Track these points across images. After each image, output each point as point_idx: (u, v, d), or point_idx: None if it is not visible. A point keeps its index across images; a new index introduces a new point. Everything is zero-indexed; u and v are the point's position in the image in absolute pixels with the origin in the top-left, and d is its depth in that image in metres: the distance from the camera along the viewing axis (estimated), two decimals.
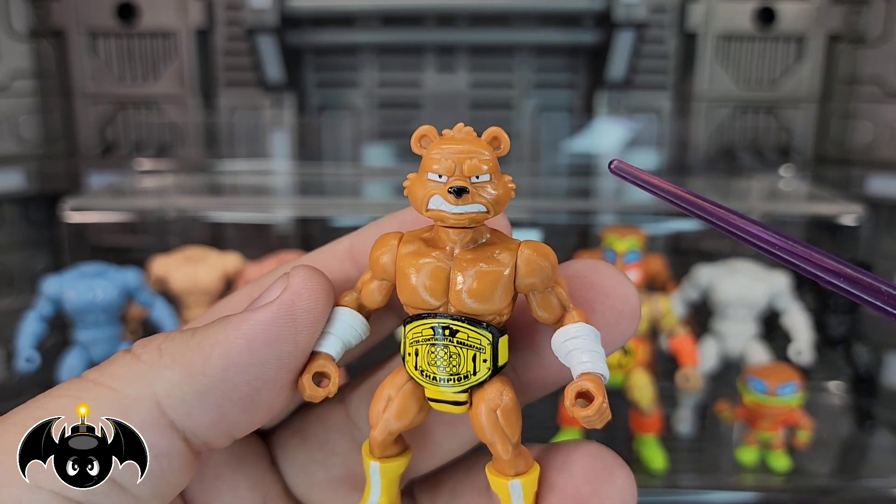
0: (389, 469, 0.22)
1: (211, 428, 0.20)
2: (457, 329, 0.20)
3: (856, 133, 0.92)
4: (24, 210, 0.95)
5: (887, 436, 0.75)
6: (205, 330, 0.20)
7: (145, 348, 0.20)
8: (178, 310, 0.73)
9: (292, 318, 0.20)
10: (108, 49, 0.93)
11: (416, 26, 0.92)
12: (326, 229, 0.93)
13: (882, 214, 0.89)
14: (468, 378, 0.21)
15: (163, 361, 0.19)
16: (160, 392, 0.19)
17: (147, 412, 0.19)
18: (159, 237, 0.88)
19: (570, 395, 0.19)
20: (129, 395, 0.19)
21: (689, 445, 0.73)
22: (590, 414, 0.19)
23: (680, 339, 0.69)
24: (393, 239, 0.21)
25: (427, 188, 0.20)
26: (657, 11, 0.91)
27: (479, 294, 0.20)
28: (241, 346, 0.20)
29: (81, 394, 0.19)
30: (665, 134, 0.95)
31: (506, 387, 0.21)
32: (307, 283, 0.21)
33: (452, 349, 0.20)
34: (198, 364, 0.19)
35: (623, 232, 0.71)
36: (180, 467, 0.19)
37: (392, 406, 0.21)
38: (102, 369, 0.20)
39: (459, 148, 0.20)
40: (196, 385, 0.19)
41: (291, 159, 0.96)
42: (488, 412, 0.20)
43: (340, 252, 0.24)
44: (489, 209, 0.20)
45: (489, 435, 0.21)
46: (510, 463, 0.21)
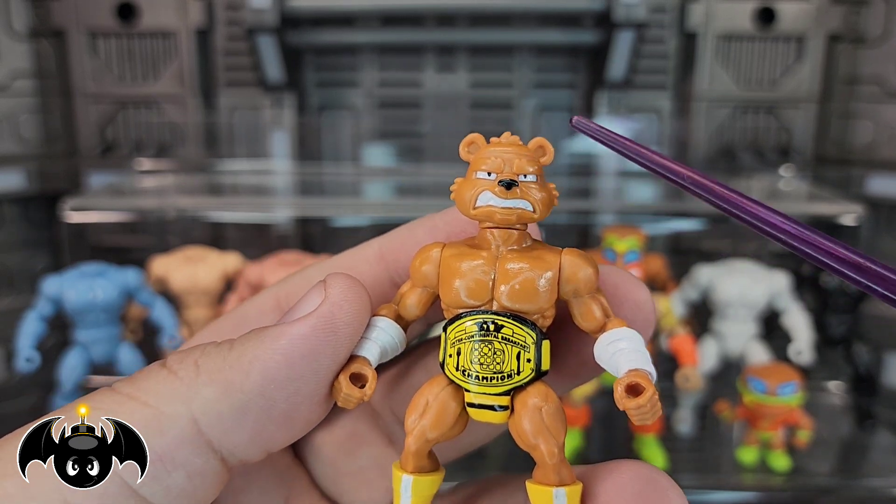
0: (422, 485, 0.21)
1: (248, 445, 0.19)
2: (501, 324, 0.20)
3: (856, 133, 0.92)
4: (24, 210, 0.95)
5: (887, 436, 0.75)
6: (242, 344, 0.19)
7: (182, 364, 0.19)
8: (178, 310, 0.73)
9: (332, 331, 0.20)
10: (108, 49, 0.93)
11: (416, 26, 0.92)
12: (326, 229, 0.94)
13: (882, 214, 0.89)
14: (511, 378, 0.20)
15: (200, 379, 0.19)
16: (197, 410, 0.18)
17: (183, 430, 0.18)
18: (159, 237, 0.88)
19: (620, 387, 0.19)
20: (166, 412, 0.18)
21: (689, 445, 0.73)
22: (642, 403, 0.19)
23: (680, 339, 0.69)
24: (436, 247, 0.22)
25: (476, 186, 0.21)
26: (657, 11, 0.91)
27: (523, 291, 0.20)
28: (279, 362, 0.19)
29: (115, 407, 0.18)
30: (665, 134, 0.95)
31: (549, 390, 0.21)
32: (347, 293, 0.20)
33: (497, 345, 0.20)
34: (236, 381, 0.19)
35: (623, 232, 0.72)
36: (213, 484, 0.19)
37: (429, 412, 0.21)
38: (136, 383, 0.19)
39: (508, 149, 0.21)
40: (234, 402, 0.19)
41: (291, 159, 0.96)
42: (533, 411, 0.20)
43: (370, 255, 0.23)
44: (535, 209, 0.21)
45: (532, 437, 0.20)
46: (555, 468, 0.20)
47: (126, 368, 0.68)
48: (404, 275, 0.23)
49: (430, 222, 0.23)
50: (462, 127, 0.96)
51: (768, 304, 0.72)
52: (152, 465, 0.18)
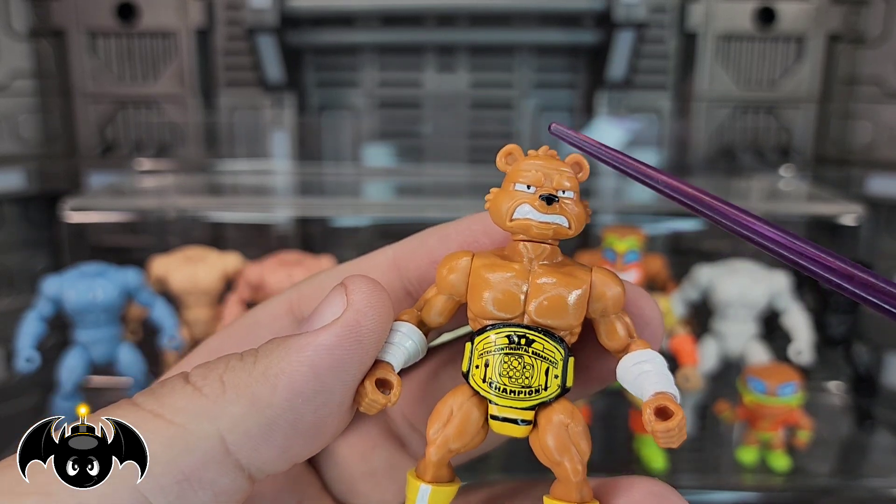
0: (440, 496, 0.21)
1: (276, 461, 0.19)
2: (533, 339, 0.20)
3: (855, 133, 0.92)
4: (24, 210, 0.95)
5: (887, 436, 0.75)
6: (266, 356, 0.19)
7: (206, 380, 0.19)
8: (178, 310, 0.73)
9: (358, 340, 0.19)
10: (108, 49, 0.93)
11: (416, 26, 0.92)
12: (326, 229, 0.94)
13: (882, 214, 0.89)
14: (539, 393, 0.20)
15: (227, 395, 0.18)
16: (225, 428, 0.18)
17: (211, 449, 0.18)
18: (159, 237, 0.88)
19: (649, 410, 0.19)
20: (192, 431, 0.18)
21: (689, 445, 0.73)
22: (671, 427, 0.19)
23: (680, 339, 0.69)
24: (465, 256, 0.21)
25: (514, 198, 0.21)
26: (657, 11, 0.91)
27: (556, 306, 0.20)
28: (306, 374, 0.18)
29: (140, 424, 0.18)
30: (665, 134, 0.95)
31: (575, 408, 0.21)
32: (370, 299, 0.19)
33: (527, 359, 0.20)
34: (263, 396, 0.18)
35: (623, 232, 0.72)
36: (237, 501, 0.19)
37: (453, 423, 0.21)
38: (160, 399, 0.18)
39: (548, 163, 0.21)
40: (262, 418, 0.18)
41: (291, 159, 0.96)
42: (559, 427, 0.20)
43: (383, 263, 0.23)
44: (571, 226, 0.21)
45: (557, 454, 0.20)
46: (577, 487, 0.20)
47: (126, 368, 0.67)
48: (416, 283, 0.23)
49: (443, 231, 0.23)
50: (462, 127, 0.96)
51: (768, 304, 0.72)
52: (178, 485, 0.17)
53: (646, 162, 0.20)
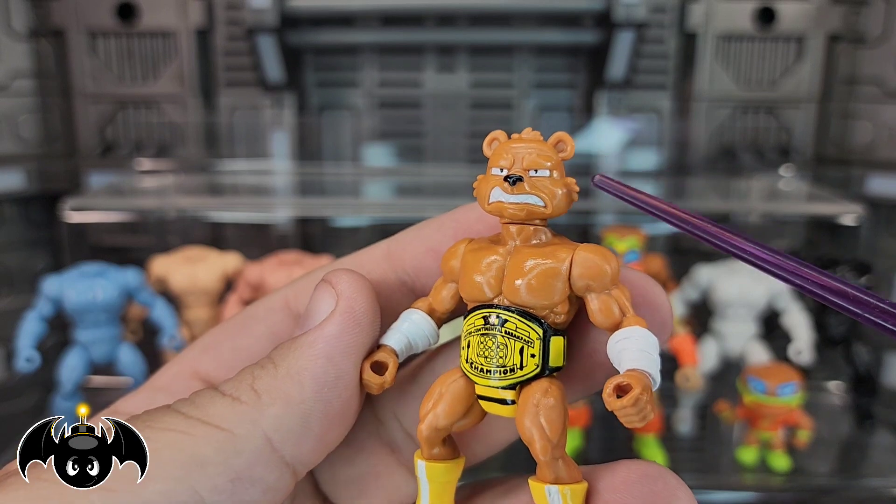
0: (436, 471, 0.22)
1: (315, 451, 0.20)
2: (506, 319, 0.21)
3: (855, 133, 0.92)
4: (24, 210, 0.95)
5: (887, 436, 0.75)
6: (283, 359, 0.21)
7: (240, 390, 0.20)
8: (178, 310, 0.73)
9: (357, 323, 0.21)
10: (108, 49, 0.93)
11: (416, 26, 0.92)
12: (326, 229, 0.94)
13: (882, 214, 0.89)
14: (514, 372, 0.20)
15: (263, 399, 0.20)
16: (268, 428, 0.19)
17: (258, 449, 0.19)
18: (159, 237, 0.88)
19: (609, 387, 0.19)
20: (239, 434, 0.19)
21: (689, 445, 0.73)
22: (625, 405, 0.18)
23: (680, 339, 0.69)
24: (462, 243, 0.22)
25: (489, 182, 0.21)
26: (657, 11, 0.91)
27: (530, 286, 0.20)
28: (325, 365, 0.20)
29: (189, 429, 0.19)
30: (665, 134, 0.95)
31: (553, 385, 0.20)
32: (354, 285, 0.21)
33: (500, 339, 0.20)
34: (294, 394, 0.20)
35: (623, 232, 0.72)
36: (282, 497, 0.20)
37: (441, 401, 0.21)
38: (202, 408, 0.20)
39: (524, 144, 0.21)
40: (298, 414, 0.20)
41: (291, 159, 0.96)
42: (529, 406, 0.20)
43: (377, 255, 0.24)
44: (546, 204, 0.21)
45: (528, 432, 0.20)
46: (548, 465, 0.20)
47: (126, 368, 0.67)
48: (411, 273, 0.24)
49: (438, 221, 0.24)
50: (462, 127, 0.96)
51: (768, 304, 0.72)
52: (231, 483, 0.19)
53: (690, 211, 0.20)
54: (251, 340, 0.24)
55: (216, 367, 0.24)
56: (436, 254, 0.23)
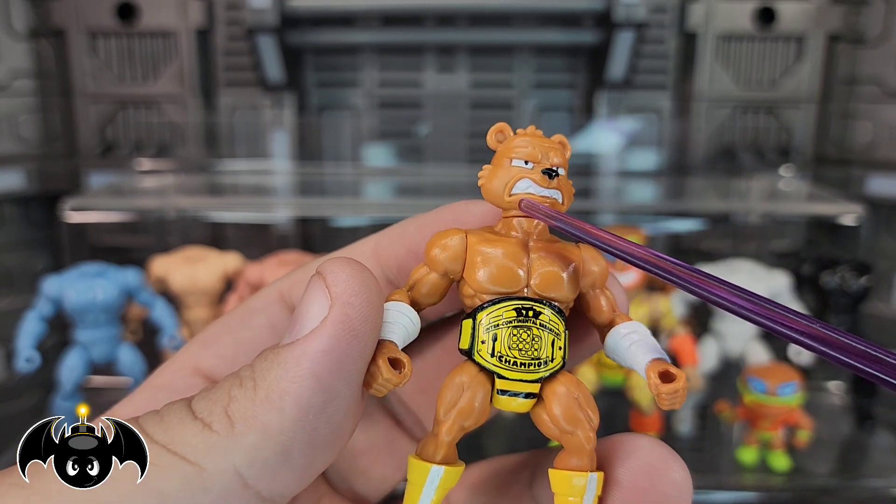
0: (451, 476, 0.20)
1: (298, 482, 0.18)
2: (540, 311, 0.21)
3: (855, 133, 0.92)
4: (24, 210, 0.95)
5: (887, 436, 0.75)
6: (263, 378, 0.18)
7: (213, 414, 0.18)
8: (178, 310, 0.73)
9: (353, 334, 0.18)
10: (108, 49, 0.93)
11: (416, 26, 0.92)
12: (326, 229, 0.93)
13: (882, 214, 0.89)
14: (546, 364, 0.20)
15: (236, 429, 0.17)
16: (240, 463, 0.17)
17: (229, 486, 0.17)
18: (159, 237, 0.88)
19: (653, 374, 0.20)
20: (208, 469, 0.17)
21: (689, 445, 0.73)
22: (678, 388, 0.19)
23: (680, 339, 0.69)
24: (457, 233, 0.21)
25: (512, 173, 0.21)
26: (657, 11, 0.91)
27: (556, 280, 0.21)
28: (311, 387, 0.17)
29: (154, 458, 0.17)
30: (665, 134, 0.95)
31: (578, 378, 0.21)
32: (353, 285, 0.18)
33: (535, 331, 0.20)
34: (273, 423, 0.17)
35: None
36: None
37: (464, 400, 0.20)
38: (170, 431, 0.18)
39: (542, 141, 0.22)
40: (276, 445, 0.17)
41: (291, 159, 0.96)
42: (568, 398, 0.20)
43: (366, 251, 0.24)
44: (564, 201, 0.22)
45: (568, 424, 0.20)
46: (590, 454, 0.20)
47: (126, 368, 0.67)
48: (396, 271, 0.24)
49: (420, 220, 0.24)
50: (462, 127, 0.96)
51: None
52: None
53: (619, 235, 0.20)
54: (252, 333, 0.24)
55: (218, 362, 0.23)
56: (416, 255, 0.23)
